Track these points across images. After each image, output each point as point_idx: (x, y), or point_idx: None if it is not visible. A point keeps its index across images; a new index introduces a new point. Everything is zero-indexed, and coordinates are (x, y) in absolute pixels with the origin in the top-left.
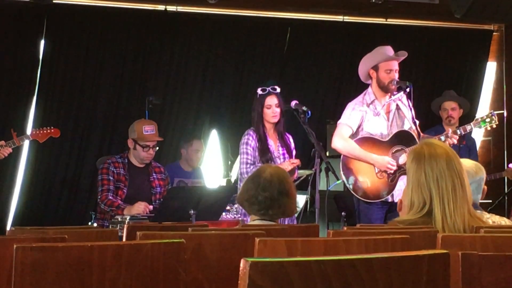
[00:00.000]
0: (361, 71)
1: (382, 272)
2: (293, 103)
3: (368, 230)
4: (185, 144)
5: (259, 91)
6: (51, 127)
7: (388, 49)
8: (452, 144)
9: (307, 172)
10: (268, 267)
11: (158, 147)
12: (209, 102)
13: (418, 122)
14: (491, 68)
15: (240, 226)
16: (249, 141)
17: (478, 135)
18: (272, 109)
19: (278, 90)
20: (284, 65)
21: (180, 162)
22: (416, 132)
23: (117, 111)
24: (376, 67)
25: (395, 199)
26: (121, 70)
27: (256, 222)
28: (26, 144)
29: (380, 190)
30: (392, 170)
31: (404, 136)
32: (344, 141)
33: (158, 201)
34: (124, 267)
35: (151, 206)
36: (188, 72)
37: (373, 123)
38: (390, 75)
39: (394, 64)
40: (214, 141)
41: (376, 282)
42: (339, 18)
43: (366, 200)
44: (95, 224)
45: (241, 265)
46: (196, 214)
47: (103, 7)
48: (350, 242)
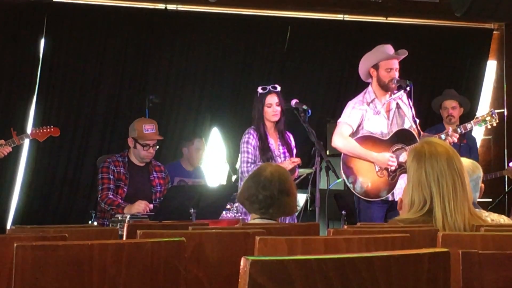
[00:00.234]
0: (361, 70)
1: (382, 271)
2: (293, 102)
3: (369, 228)
4: (186, 142)
5: (260, 90)
6: (51, 126)
7: (388, 47)
8: (452, 142)
9: (308, 170)
10: (268, 265)
11: (158, 146)
12: (209, 101)
13: (418, 121)
14: (491, 67)
15: (241, 225)
16: (249, 139)
17: (479, 134)
18: (272, 107)
19: (279, 88)
20: (284, 63)
21: (182, 161)
22: (417, 130)
23: (117, 109)
24: (376, 66)
25: (396, 197)
26: (121, 69)
27: (256, 221)
28: (26, 143)
29: (380, 188)
30: (393, 166)
31: (404, 134)
32: (344, 139)
33: (158, 200)
34: (125, 266)
35: (151, 205)
36: (188, 70)
37: (373, 121)
38: (391, 74)
39: (394, 63)
40: (215, 139)
41: (376, 281)
42: (340, 17)
43: (366, 198)
44: (95, 223)
45: (241, 263)
46: (196, 212)
47: (103, 6)
48: (350, 240)
